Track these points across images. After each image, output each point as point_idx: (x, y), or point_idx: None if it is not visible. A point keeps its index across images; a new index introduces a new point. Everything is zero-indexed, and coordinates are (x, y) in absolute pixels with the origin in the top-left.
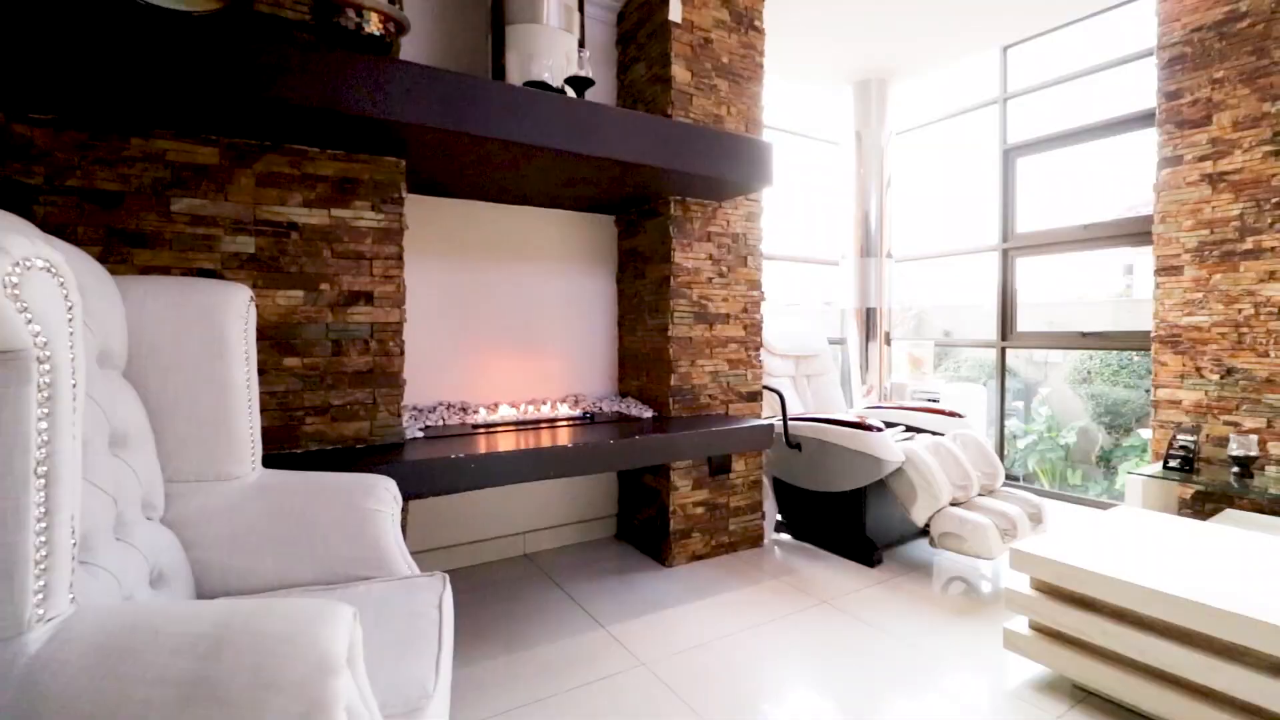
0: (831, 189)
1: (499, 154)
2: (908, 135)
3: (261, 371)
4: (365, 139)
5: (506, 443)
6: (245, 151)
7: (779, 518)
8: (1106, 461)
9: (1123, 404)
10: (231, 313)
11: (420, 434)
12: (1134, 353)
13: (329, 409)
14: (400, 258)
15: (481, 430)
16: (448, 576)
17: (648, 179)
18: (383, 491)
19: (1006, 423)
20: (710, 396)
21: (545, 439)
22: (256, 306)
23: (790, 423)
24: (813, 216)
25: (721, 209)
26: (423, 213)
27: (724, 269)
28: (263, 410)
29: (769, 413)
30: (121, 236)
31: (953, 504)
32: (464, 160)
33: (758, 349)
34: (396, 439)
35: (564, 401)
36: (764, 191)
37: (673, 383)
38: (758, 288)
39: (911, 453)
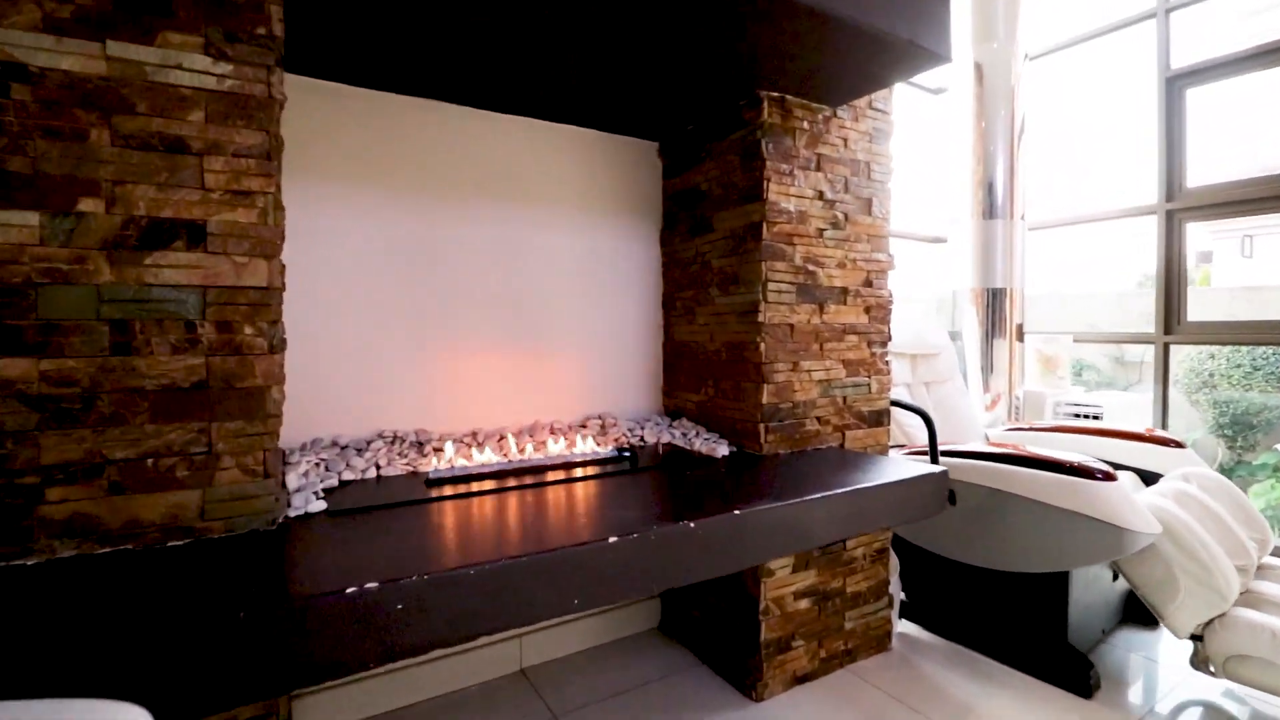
0: (934, 147)
1: None
2: (1038, 63)
3: None
4: None
5: (485, 520)
6: None
7: (902, 596)
8: None
9: (1255, 413)
10: None
11: (321, 504)
12: (1273, 349)
13: (104, 467)
14: (269, 157)
15: (441, 493)
16: None
17: (728, 47)
18: None
19: None
20: (820, 420)
21: (558, 512)
22: None
23: (941, 459)
24: (907, 184)
25: (836, 120)
26: (342, 111)
27: (839, 216)
28: None
29: (888, 441)
30: None
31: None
32: None
33: (884, 344)
34: (262, 523)
35: (583, 428)
36: (895, 100)
37: (765, 399)
38: (885, 249)
39: (1169, 517)
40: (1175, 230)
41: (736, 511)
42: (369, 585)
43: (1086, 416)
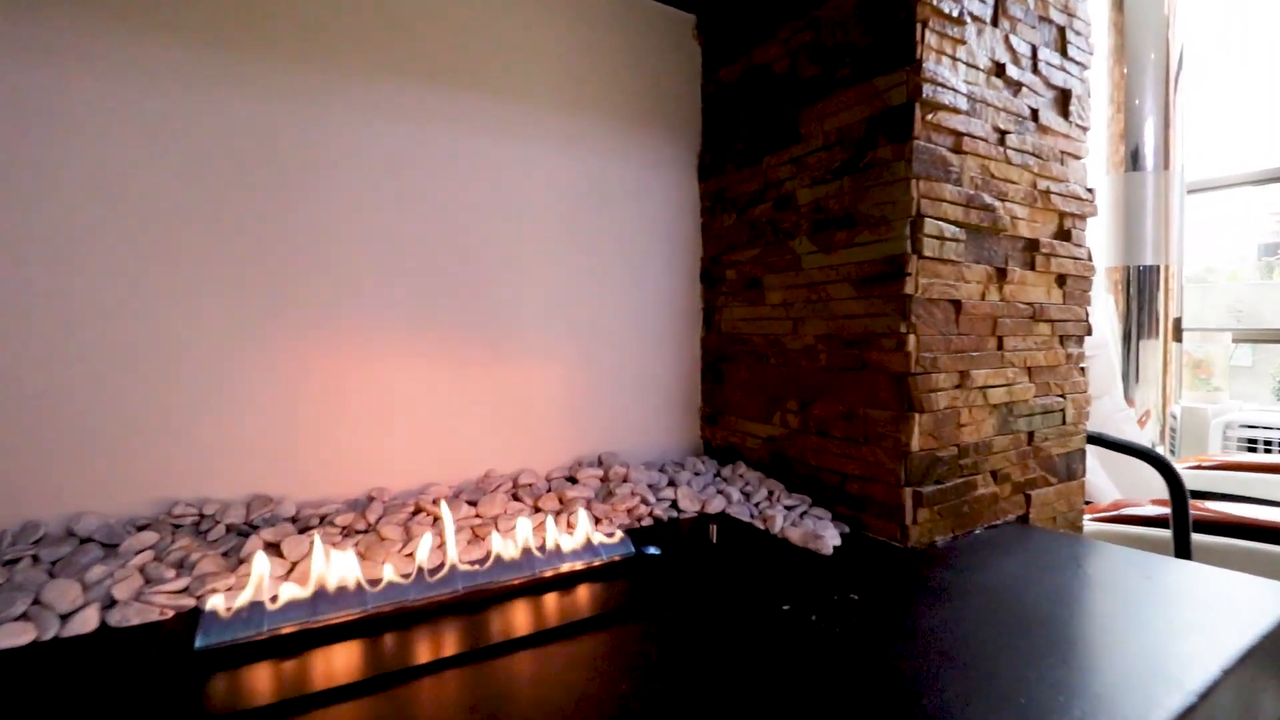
0: None
1: None
2: None
3: None
4: None
5: None
6: None
7: None
8: None
9: None
10: None
11: None
12: None
13: None
14: None
15: (216, 703)
16: None
17: None
18: None
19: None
20: (997, 476)
21: None
22: None
23: (1202, 538)
24: None
25: None
26: None
27: (1024, 112)
28: None
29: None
30: None
31: None
32: None
33: (1082, 339)
34: None
35: (570, 484)
36: None
37: (915, 441)
38: (1084, 178)
39: None
40: None
41: None
42: None
43: (1269, 444)
